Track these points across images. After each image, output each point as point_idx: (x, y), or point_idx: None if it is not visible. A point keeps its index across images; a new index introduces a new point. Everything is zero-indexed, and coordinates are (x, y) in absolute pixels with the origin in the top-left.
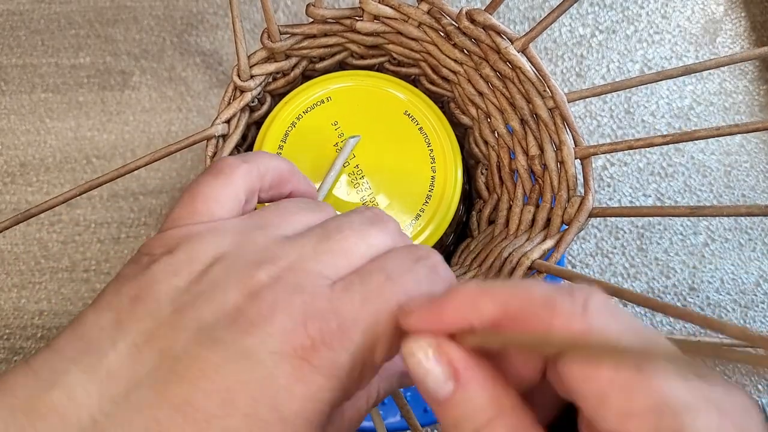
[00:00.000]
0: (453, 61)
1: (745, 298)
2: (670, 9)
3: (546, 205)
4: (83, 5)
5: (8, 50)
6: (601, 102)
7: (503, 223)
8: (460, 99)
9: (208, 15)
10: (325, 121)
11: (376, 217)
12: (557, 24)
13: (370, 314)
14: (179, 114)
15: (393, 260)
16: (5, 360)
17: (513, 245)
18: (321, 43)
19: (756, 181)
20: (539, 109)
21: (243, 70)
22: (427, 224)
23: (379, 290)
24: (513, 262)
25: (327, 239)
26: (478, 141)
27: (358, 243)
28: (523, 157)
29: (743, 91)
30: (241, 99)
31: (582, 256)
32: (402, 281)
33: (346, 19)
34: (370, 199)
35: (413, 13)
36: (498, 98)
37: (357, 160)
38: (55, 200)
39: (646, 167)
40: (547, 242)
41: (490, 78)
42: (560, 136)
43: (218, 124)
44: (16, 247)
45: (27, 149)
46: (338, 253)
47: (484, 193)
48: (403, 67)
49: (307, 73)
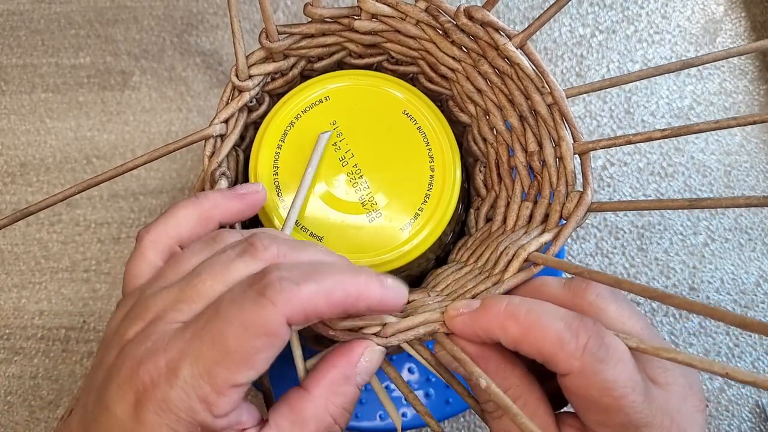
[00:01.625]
0: (451, 58)
1: (745, 298)
2: (670, 9)
3: (544, 201)
4: (83, 5)
5: (8, 50)
6: (601, 102)
7: (501, 219)
8: (459, 97)
9: (208, 15)
10: (323, 120)
11: (249, 247)
12: (557, 24)
13: (195, 348)
14: (179, 114)
15: (229, 293)
16: (5, 360)
17: (510, 239)
18: (319, 42)
19: (756, 181)
20: (538, 105)
21: (241, 70)
22: (426, 223)
23: (206, 325)
24: (509, 255)
25: (186, 285)
26: (477, 139)
27: (214, 284)
28: (521, 154)
29: (743, 91)
30: (239, 99)
31: (582, 256)
32: (226, 314)
33: (344, 18)
34: (368, 198)
35: (411, 11)
36: (496, 95)
37: (356, 159)
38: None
39: (646, 167)
40: (545, 235)
41: (489, 75)
42: (559, 132)
43: (216, 124)
44: (16, 247)
45: (27, 149)
46: (194, 298)
47: (482, 190)
48: (402, 66)
49: (305, 72)
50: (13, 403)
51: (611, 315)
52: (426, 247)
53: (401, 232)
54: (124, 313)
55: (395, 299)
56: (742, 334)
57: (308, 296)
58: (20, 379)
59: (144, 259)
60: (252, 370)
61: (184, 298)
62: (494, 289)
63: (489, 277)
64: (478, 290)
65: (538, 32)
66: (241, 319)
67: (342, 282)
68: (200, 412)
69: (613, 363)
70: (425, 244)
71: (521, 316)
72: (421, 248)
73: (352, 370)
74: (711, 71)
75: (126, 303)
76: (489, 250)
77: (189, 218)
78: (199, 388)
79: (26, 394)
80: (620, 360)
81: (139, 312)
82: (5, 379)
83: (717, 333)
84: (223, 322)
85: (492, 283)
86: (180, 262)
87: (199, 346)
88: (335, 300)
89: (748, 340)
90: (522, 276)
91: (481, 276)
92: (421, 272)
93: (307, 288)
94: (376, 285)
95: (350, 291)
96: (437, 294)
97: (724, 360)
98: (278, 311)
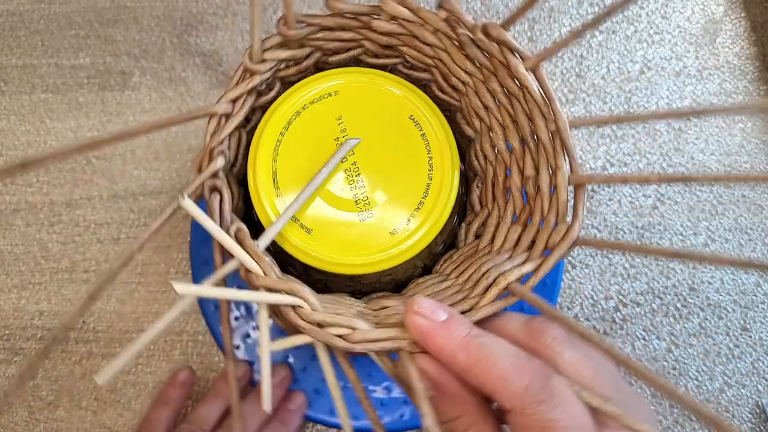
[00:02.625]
0: (463, 71)
1: (745, 299)
2: (670, 9)
3: (533, 227)
4: (83, 5)
5: (8, 50)
6: (601, 102)
7: (489, 238)
8: (467, 110)
9: (208, 15)
10: (329, 114)
11: None
12: (557, 24)
13: None
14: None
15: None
16: (5, 360)
17: (493, 261)
18: (336, 36)
19: (756, 181)
20: (540, 131)
21: (255, 52)
22: (416, 230)
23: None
24: (489, 280)
25: None
26: (479, 154)
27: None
28: (518, 177)
29: (743, 91)
30: (249, 81)
31: (582, 257)
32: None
33: (364, 16)
34: (362, 197)
35: (431, 18)
36: (502, 114)
37: (355, 157)
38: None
39: (646, 168)
40: (527, 266)
41: (497, 93)
42: (557, 161)
43: (223, 103)
44: (16, 248)
45: (27, 149)
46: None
47: (476, 206)
48: (416, 71)
49: (319, 65)
50: (12, 403)
51: (565, 359)
52: (413, 254)
53: (391, 235)
54: None
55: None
56: (742, 334)
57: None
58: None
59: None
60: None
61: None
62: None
63: (466, 298)
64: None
65: (538, 32)
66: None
67: None
68: None
69: (554, 405)
70: (412, 251)
71: (472, 348)
72: (407, 254)
73: None
74: (711, 72)
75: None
76: (472, 267)
77: None
78: None
79: (26, 394)
80: (563, 402)
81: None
82: (5, 379)
83: (717, 333)
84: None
85: (469, 306)
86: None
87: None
88: None
89: (748, 340)
90: (497, 305)
91: (459, 294)
92: (408, 278)
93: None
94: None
95: None
96: None
97: (725, 360)
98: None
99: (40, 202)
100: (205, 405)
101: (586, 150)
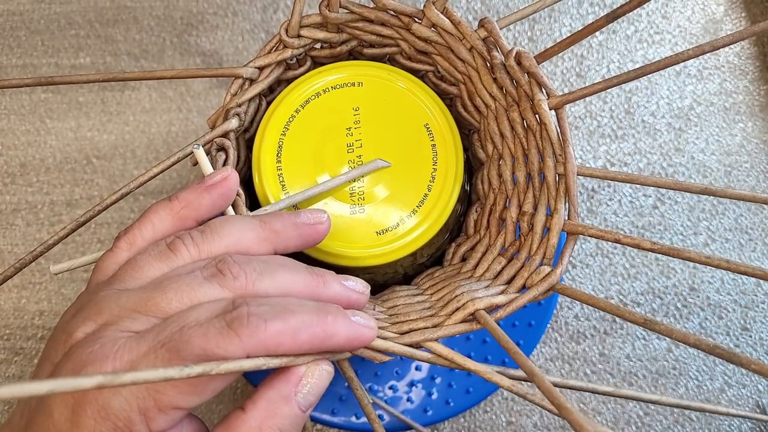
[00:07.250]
0: (489, 94)
1: (746, 299)
2: (670, 9)
3: (518, 263)
4: (83, 5)
5: (8, 50)
6: (601, 102)
7: (474, 264)
8: (484, 133)
9: (208, 15)
10: (348, 102)
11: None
12: (557, 24)
13: (149, 361)
14: (179, 114)
15: (194, 315)
16: (5, 360)
17: (469, 286)
18: (375, 30)
19: (756, 182)
20: (548, 170)
21: (293, 26)
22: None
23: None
24: (459, 303)
25: (149, 299)
26: (484, 179)
27: (179, 304)
28: (516, 210)
29: (743, 91)
30: (280, 53)
31: (582, 257)
32: (188, 337)
33: (406, 17)
34: (358, 191)
35: (470, 34)
36: (515, 145)
37: (362, 150)
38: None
39: (647, 167)
40: (500, 297)
41: (516, 123)
42: (557, 204)
43: (249, 67)
44: (16, 248)
45: (27, 149)
46: (155, 312)
47: (470, 229)
48: (444, 83)
49: (353, 54)
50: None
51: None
52: (396, 258)
53: (377, 235)
54: (77, 309)
55: (362, 339)
56: (742, 334)
57: (274, 335)
58: (20, 380)
59: (114, 258)
60: (197, 397)
61: (143, 310)
62: (431, 332)
63: (434, 316)
64: (416, 326)
65: (539, 32)
66: (203, 345)
67: (309, 324)
68: (137, 424)
69: None
70: (397, 255)
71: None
72: (391, 257)
73: (290, 390)
74: (711, 71)
75: (82, 298)
76: (448, 288)
77: (164, 221)
78: (142, 400)
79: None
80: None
81: (91, 313)
82: (5, 379)
83: (717, 333)
84: (184, 345)
85: (432, 324)
86: (138, 268)
87: (153, 360)
88: (301, 340)
89: (749, 340)
90: (459, 328)
91: (428, 311)
92: (385, 282)
93: (273, 326)
94: (344, 326)
95: (317, 333)
96: (382, 311)
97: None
98: (242, 346)
99: (40, 202)
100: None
101: (586, 150)
